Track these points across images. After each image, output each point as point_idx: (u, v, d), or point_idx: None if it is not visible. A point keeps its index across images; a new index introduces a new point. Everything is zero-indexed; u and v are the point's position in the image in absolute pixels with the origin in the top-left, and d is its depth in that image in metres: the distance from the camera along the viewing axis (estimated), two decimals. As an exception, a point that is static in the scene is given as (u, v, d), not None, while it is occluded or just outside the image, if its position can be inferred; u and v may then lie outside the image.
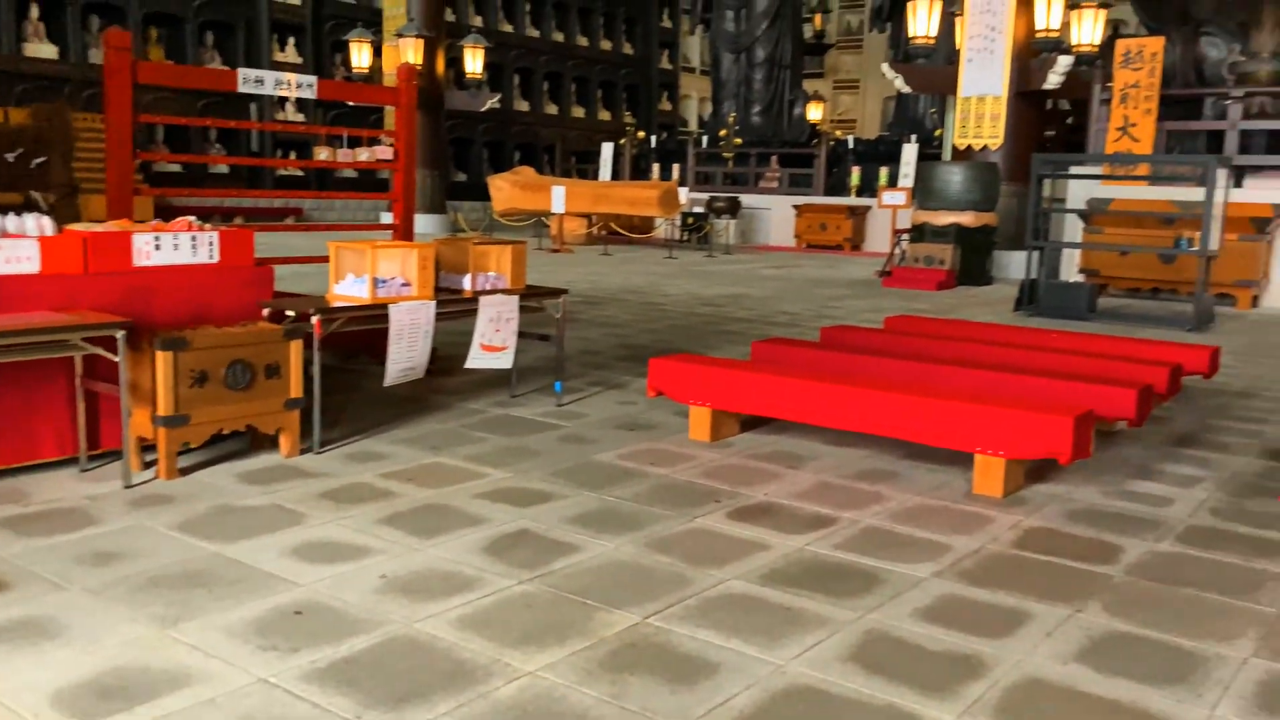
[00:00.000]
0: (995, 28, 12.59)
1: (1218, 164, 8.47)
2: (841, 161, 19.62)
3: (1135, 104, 11.37)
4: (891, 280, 11.71)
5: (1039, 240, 9.38)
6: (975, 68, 12.78)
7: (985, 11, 12.67)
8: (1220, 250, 9.02)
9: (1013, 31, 12.55)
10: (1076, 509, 3.56)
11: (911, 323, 6.22)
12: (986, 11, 12.67)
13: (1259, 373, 6.48)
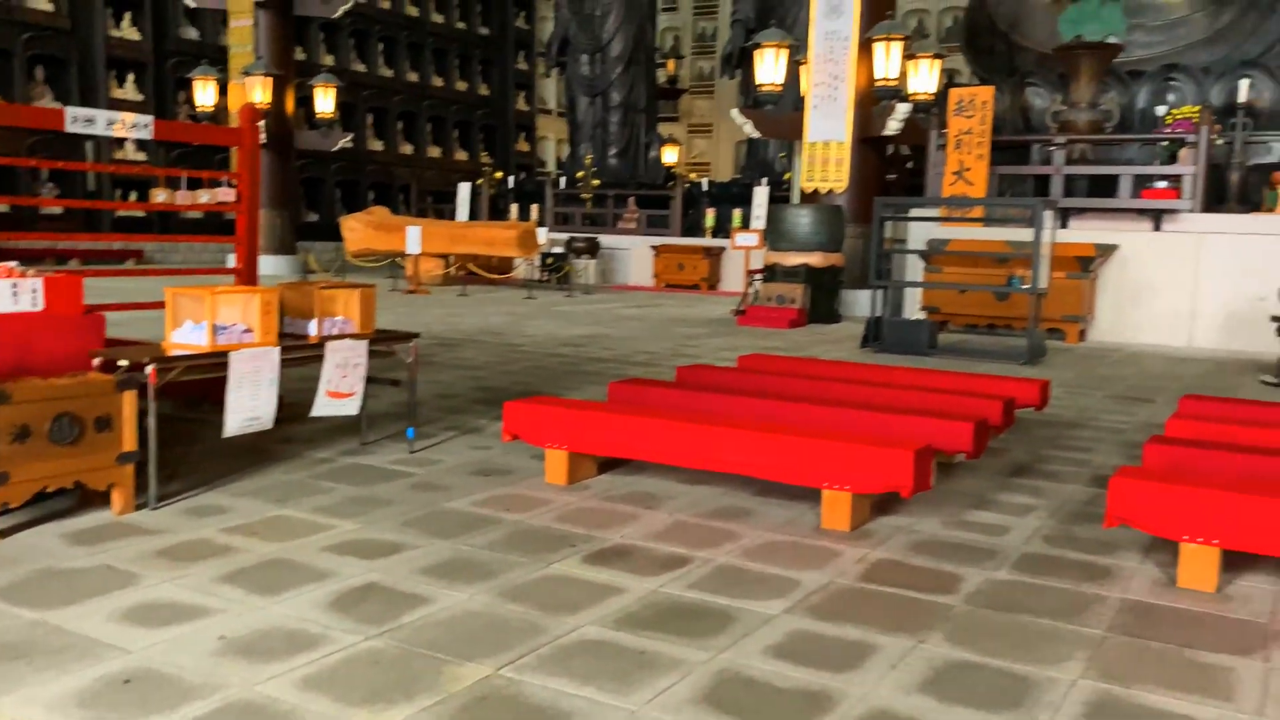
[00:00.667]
0: (838, 76, 13.12)
1: (1044, 206, 8.99)
2: (697, 203, 20.01)
3: (969, 150, 12.00)
4: (746, 319, 11.97)
5: (882, 280, 9.75)
6: (820, 114, 13.27)
7: (828, 61, 13.20)
8: (1049, 288, 9.56)
9: (854, 80, 13.09)
10: (920, 540, 3.69)
11: (763, 361, 6.35)
12: (829, 61, 13.19)
13: (1086, 404, 6.87)
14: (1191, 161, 11.16)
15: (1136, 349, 10.44)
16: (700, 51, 28.61)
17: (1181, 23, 13.89)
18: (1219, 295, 10.64)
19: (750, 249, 13.98)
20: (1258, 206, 11.46)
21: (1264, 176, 11.61)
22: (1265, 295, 9.43)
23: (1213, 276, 10.72)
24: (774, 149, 21.16)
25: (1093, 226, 11.51)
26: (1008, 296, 10.48)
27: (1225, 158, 12.03)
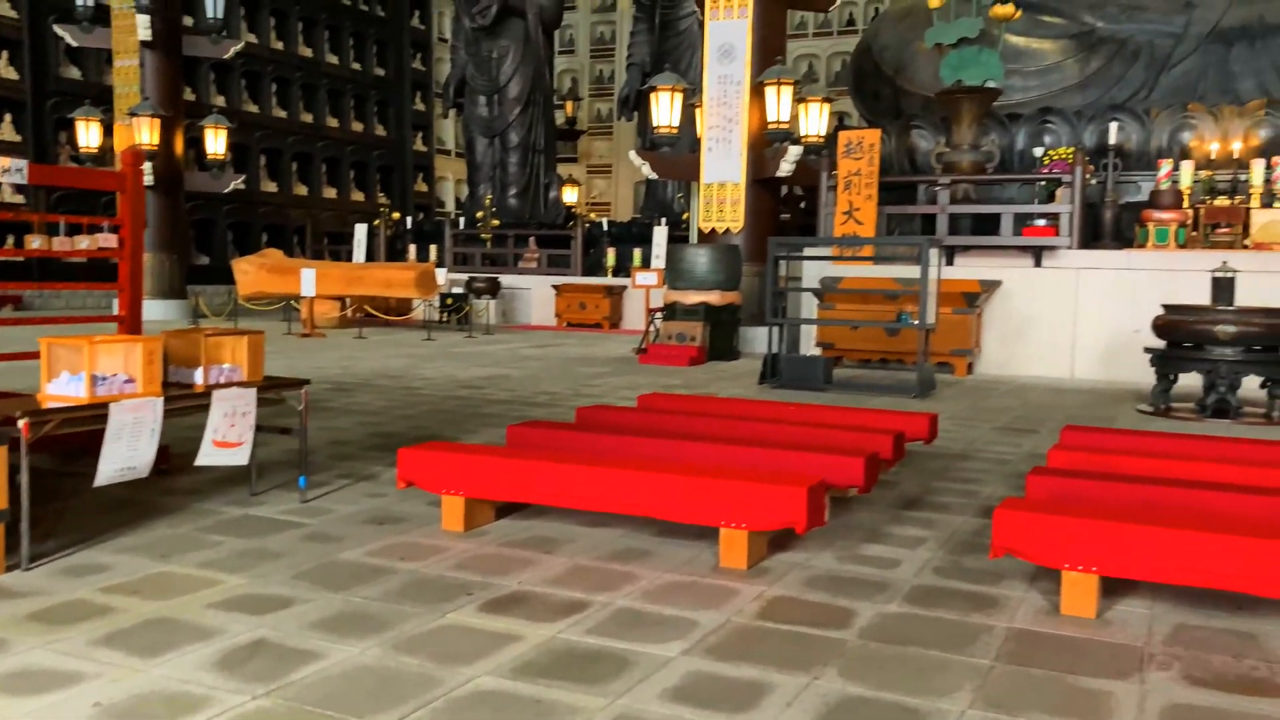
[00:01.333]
0: (731, 119, 13.40)
1: (930, 245, 9.28)
2: (598, 243, 20.14)
3: (858, 190, 12.34)
4: (647, 357, 12.05)
5: (778, 317, 9.93)
6: (715, 156, 13.52)
7: (722, 104, 13.48)
8: (937, 323, 9.86)
9: (747, 123, 13.39)
10: (815, 575, 3.74)
11: (662, 400, 6.40)
12: (723, 104, 13.47)
13: (974, 435, 7.08)
14: (1068, 200, 11.68)
15: (1022, 381, 10.82)
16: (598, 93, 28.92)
17: (1055, 69, 14.58)
18: (1097, 328, 11.11)
19: (650, 288, 14.10)
20: (1130, 243, 12.03)
21: (1135, 214, 12.21)
22: (1139, 327, 9.87)
23: (1091, 310, 11.19)
24: (672, 189, 21.47)
25: (977, 263, 11.93)
26: (898, 332, 10.77)
27: (1099, 196, 12.61)
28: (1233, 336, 7.95)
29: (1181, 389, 8.70)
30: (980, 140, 13.04)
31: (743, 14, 13.40)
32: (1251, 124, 12.66)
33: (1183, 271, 10.46)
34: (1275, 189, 11.58)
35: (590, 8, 28.68)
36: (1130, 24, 14.51)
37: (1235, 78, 13.70)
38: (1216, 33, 13.93)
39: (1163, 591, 3.56)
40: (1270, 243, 11.06)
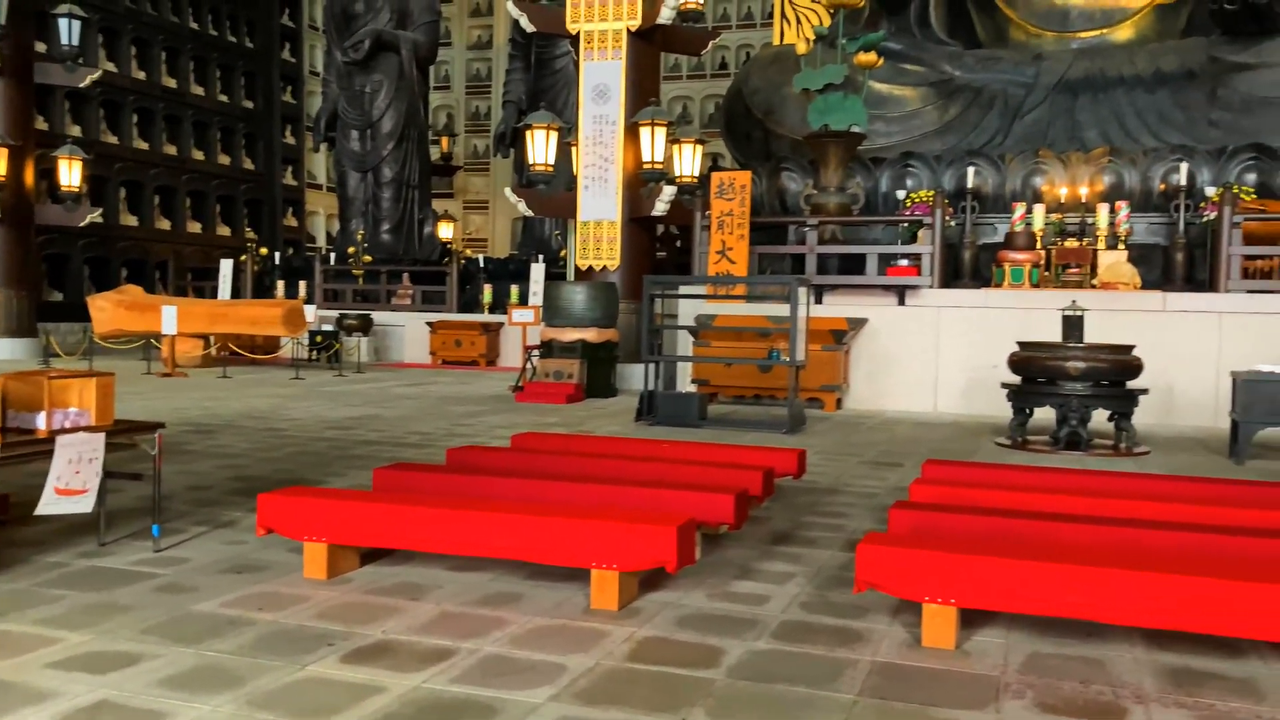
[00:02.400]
0: (607, 158, 13.52)
1: (799, 284, 9.51)
2: (474, 279, 19.99)
3: (731, 230, 12.58)
4: (524, 395, 11.97)
5: (654, 354, 10.00)
6: (591, 195, 13.61)
7: (597, 143, 13.60)
8: (807, 359, 10.09)
9: (623, 162, 13.53)
10: (685, 614, 3.75)
11: (536, 439, 6.35)
12: (599, 143, 13.59)
13: (842, 470, 7.24)
14: (929, 241, 12.14)
15: (888, 415, 11.14)
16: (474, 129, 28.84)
17: (916, 115, 15.21)
18: (958, 363, 11.54)
19: (527, 325, 14.05)
20: (988, 282, 12.56)
21: (992, 255, 12.76)
22: (997, 363, 10.29)
23: (952, 346, 11.62)
24: (550, 226, 21.51)
25: (845, 301, 12.27)
26: (770, 368, 10.97)
27: (958, 238, 13.16)
28: (1082, 372, 8.35)
29: (1037, 422, 9.09)
30: (846, 183, 13.47)
31: (616, 55, 13.58)
32: (1096, 170, 13.42)
33: (1037, 310, 10.96)
34: (1119, 232, 12.28)
35: (466, 44, 28.64)
36: (985, 74, 15.26)
37: (1081, 126, 14.52)
38: (1063, 84, 14.76)
39: (1018, 621, 3.69)
40: (1115, 282, 11.70)
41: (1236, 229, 11.29)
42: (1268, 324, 10.68)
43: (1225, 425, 8.67)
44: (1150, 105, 14.22)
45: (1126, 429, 8.41)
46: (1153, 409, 9.91)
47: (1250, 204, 12.07)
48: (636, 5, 13.55)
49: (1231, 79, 13.85)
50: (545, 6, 14.19)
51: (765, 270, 13.47)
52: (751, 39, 24.19)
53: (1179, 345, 10.71)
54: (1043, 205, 12.85)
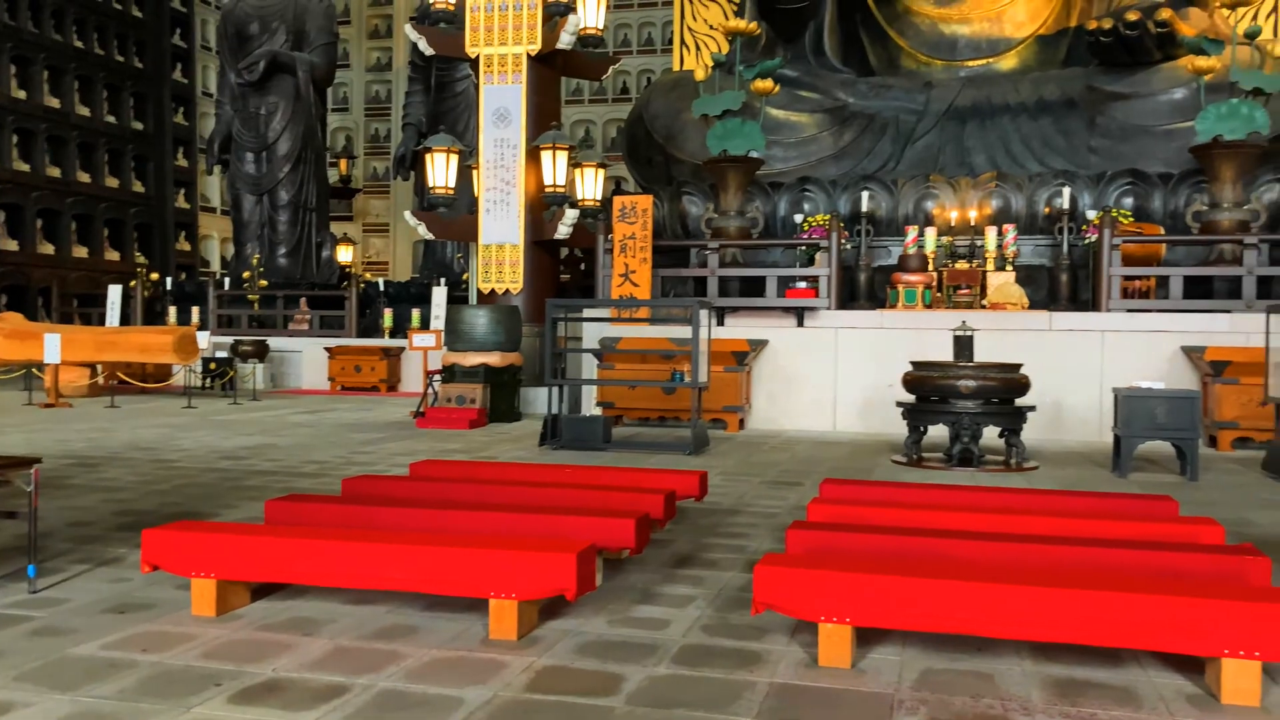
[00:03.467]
0: (509, 182, 13.49)
1: (700, 306, 9.61)
2: (374, 303, 19.69)
3: (633, 253, 12.65)
4: (426, 421, 11.81)
5: (557, 378, 9.98)
6: (493, 218, 13.55)
7: (499, 167, 13.55)
8: (710, 381, 10.18)
9: (525, 185, 13.51)
10: (586, 642, 3.73)
11: (435, 467, 6.27)
12: (500, 167, 13.55)
13: (744, 490, 7.31)
14: (826, 264, 12.39)
15: (789, 434, 11.29)
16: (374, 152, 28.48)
17: (812, 140, 15.54)
18: (855, 383, 11.78)
19: (429, 349, 13.87)
20: (883, 303, 12.86)
21: (886, 276, 13.08)
22: (892, 382, 10.53)
23: (849, 366, 11.86)
24: (452, 249, 21.33)
25: (746, 323, 12.43)
26: (674, 390, 11.04)
27: (854, 260, 13.46)
28: (973, 390, 8.60)
29: (931, 439, 9.32)
30: (746, 207, 13.67)
31: (516, 79, 13.58)
32: (984, 194, 13.87)
33: (930, 330, 11.27)
34: (1006, 254, 12.70)
35: (365, 66, 28.32)
36: (878, 101, 15.68)
37: (970, 152, 15.01)
38: (952, 111, 15.26)
39: (912, 637, 3.76)
40: (1004, 302, 12.09)
41: (1116, 251, 11.80)
42: (1146, 341, 11.16)
43: (1109, 439, 9.01)
44: (1034, 132, 14.78)
45: (1016, 445, 8.68)
46: (1041, 425, 10.25)
47: (1128, 227, 12.61)
48: (536, 30, 13.57)
49: (1109, 107, 14.49)
50: (444, 30, 14.11)
51: (668, 293, 13.57)
52: (652, 64, 24.45)
53: (1065, 363, 11.11)
54: (934, 228, 13.24)
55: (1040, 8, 16.20)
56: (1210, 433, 10.27)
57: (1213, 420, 10.24)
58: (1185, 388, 9.62)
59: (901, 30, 16.75)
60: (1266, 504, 6.85)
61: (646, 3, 24.97)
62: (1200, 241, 12.35)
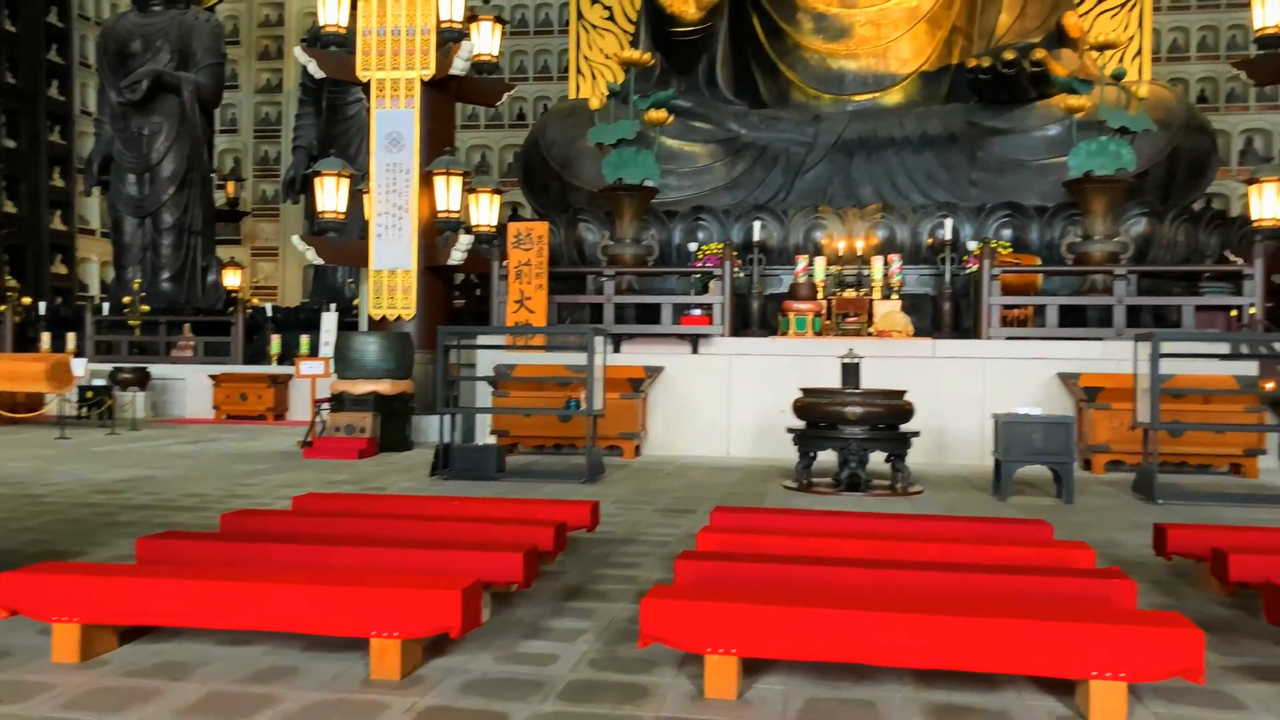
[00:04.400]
0: (401, 206, 13.32)
1: (595, 333, 9.61)
2: (261, 329, 19.17)
3: (529, 280, 12.61)
4: (313, 451, 11.52)
5: (449, 406, 9.85)
6: (384, 243, 13.36)
7: (391, 191, 13.38)
8: (606, 408, 10.17)
9: (418, 211, 13.37)
10: (471, 680, 3.66)
11: (320, 500, 6.12)
12: (392, 191, 13.38)
13: (637, 519, 7.31)
14: (719, 292, 12.54)
15: (684, 461, 11.36)
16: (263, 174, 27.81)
17: (706, 170, 15.76)
18: (748, 409, 11.92)
19: (317, 377, 13.55)
20: (775, 330, 13.07)
21: (777, 304, 13.31)
22: (784, 408, 10.69)
23: (742, 393, 12.00)
24: (343, 274, 20.92)
25: (642, 350, 12.49)
26: (570, 418, 11.00)
27: (747, 288, 13.66)
28: (860, 416, 8.78)
29: (821, 464, 9.48)
30: (641, 234, 13.77)
31: (410, 104, 13.45)
32: (871, 225, 14.25)
33: (819, 357, 11.48)
34: (892, 283, 13.05)
35: (254, 87, 27.67)
36: (769, 133, 16.00)
37: (857, 184, 15.42)
38: (840, 144, 15.66)
39: (798, 666, 3.80)
40: (890, 330, 12.41)
41: (995, 281, 12.23)
42: (1025, 368, 11.57)
43: (991, 463, 9.29)
44: (918, 165, 15.26)
45: (902, 469, 8.89)
46: (926, 449, 10.52)
47: (1006, 258, 13.10)
48: (429, 56, 13.48)
49: (988, 142, 15.06)
50: (335, 53, 13.90)
51: (564, 319, 13.56)
52: (549, 91, 24.48)
53: (948, 389, 11.45)
54: (823, 258, 13.54)
55: (924, 45, 16.78)
56: (1085, 456, 10.69)
57: (1087, 444, 10.66)
58: (1061, 413, 9.98)
59: (792, 64, 17.14)
60: (1134, 525, 7.15)
61: (543, 30, 25.02)
62: (1074, 272, 12.89)
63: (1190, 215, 14.10)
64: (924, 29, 16.72)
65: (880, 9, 16.75)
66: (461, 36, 13.65)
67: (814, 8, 16.94)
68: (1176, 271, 13.32)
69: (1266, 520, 7.38)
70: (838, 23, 16.88)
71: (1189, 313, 12.19)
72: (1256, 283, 11.89)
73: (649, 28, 16.96)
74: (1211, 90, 21.95)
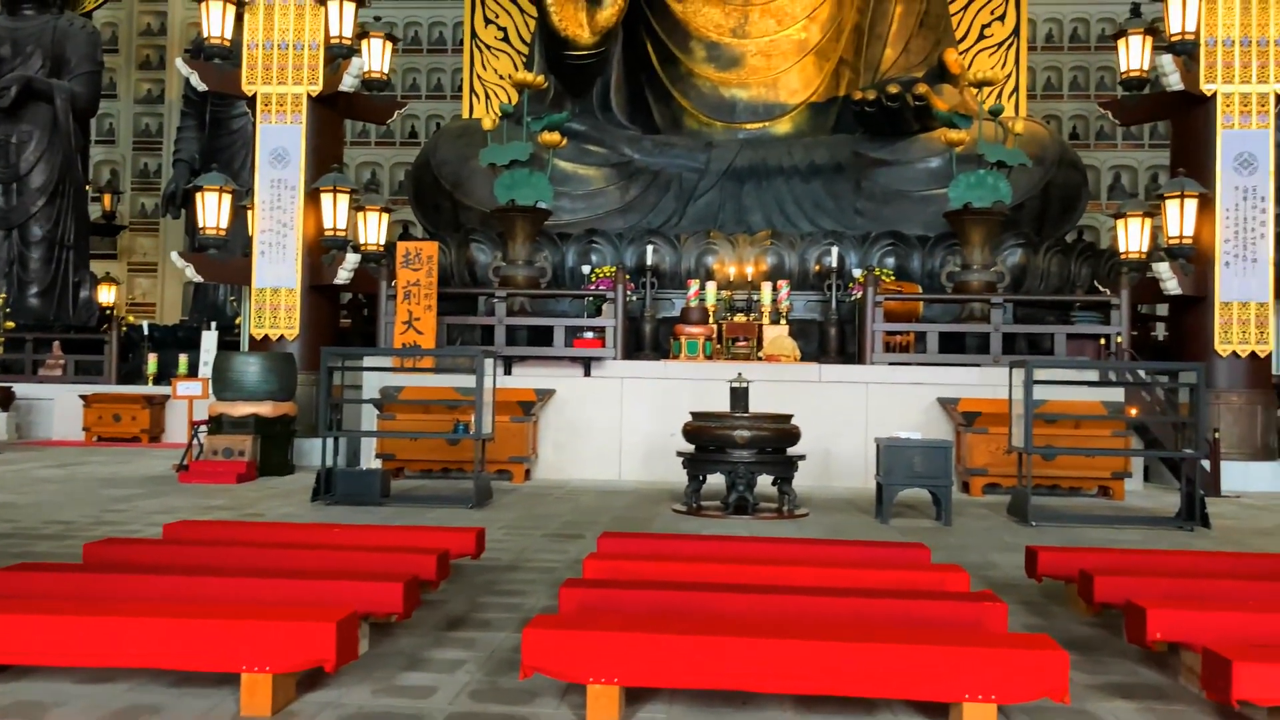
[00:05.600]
0: (286, 224, 13.00)
1: (485, 355, 9.52)
2: (137, 348, 18.45)
3: (418, 300, 12.42)
4: (189, 475, 11.11)
5: (332, 429, 9.61)
6: (268, 260, 13.01)
7: (275, 208, 13.06)
8: (495, 431, 10.06)
9: (303, 228, 13.07)
10: (346, 715, 3.56)
11: (193, 528, 5.89)
12: (276, 208, 13.06)
13: (525, 544, 7.24)
14: (612, 315, 12.57)
15: (575, 485, 11.31)
16: (142, 188, 26.82)
17: (600, 194, 15.79)
18: (640, 432, 11.95)
19: (194, 398, 13.08)
20: (667, 354, 13.14)
21: (669, 328, 13.39)
22: (674, 431, 10.74)
23: (634, 416, 12.03)
24: (224, 291, 20.31)
25: (534, 373, 12.42)
26: (458, 442, 10.85)
27: (639, 311, 13.71)
28: (748, 440, 8.88)
29: (711, 487, 9.55)
30: (534, 256, 13.71)
31: (296, 120, 13.16)
32: (760, 251, 14.48)
33: (710, 380, 11.59)
34: (781, 308, 13.27)
35: (134, 98, 26.70)
36: (662, 158, 16.14)
37: (747, 210, 15.64)
38: (731, 171, 15.88)
39: (680, 694, 3.80)
40: (778, 355, 12.61)
41: (878, 308, 12.55)
42: (907, 393, 11.89)
43: (874, 486, 9.49)
44: (806, 194, 15.58)
45: (788, 493, 9.01)
46: (812, 472, 10.70)
47: (889, 285, 13.45)
48: (318, 71, 13.22)
49: (873, 173, 15.47)
50: (219, 66, 13.51)
51: (454, 341, 13.38)
52: (441, 110, 24.27)
53: (834, 413, 11.67)
54: (714, 282, 13.68)
55: (812, 77, 17.17)
56: (963, 479, 11.01)
57: (965, 467, 10.99)
58: (940, 438, 10.28)
59: (685, 91, 17.34)
60: (1009, 547, 7.38)
61: (436, 49, 24.80)
62: (953, 300, 13.31)
63: (1063, 247, 14.70)
64: (812, 61, 17.12)
65: (770, 40, 17.09)
66: (352, 53, 13.43)
67: (707, 37, 17.20)
68: (1049, 301, 13.86)
69: (1131, 541, 7.72)
70: (729, 52, 17.16)
71: (1061, 341, 12.69)
72: (1123, 312, 12.45)
73: (543, 50, 16.95)
74: (1083, 127, 23.04)
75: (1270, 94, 12.61)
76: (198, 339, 16.84)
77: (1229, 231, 12.54)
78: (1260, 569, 5.37)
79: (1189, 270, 12.64)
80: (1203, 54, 12.70)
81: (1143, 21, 13.60)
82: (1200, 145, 12.88)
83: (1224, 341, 12.51)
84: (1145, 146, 22.51)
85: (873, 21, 17.30)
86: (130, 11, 26.06)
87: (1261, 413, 12.67)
